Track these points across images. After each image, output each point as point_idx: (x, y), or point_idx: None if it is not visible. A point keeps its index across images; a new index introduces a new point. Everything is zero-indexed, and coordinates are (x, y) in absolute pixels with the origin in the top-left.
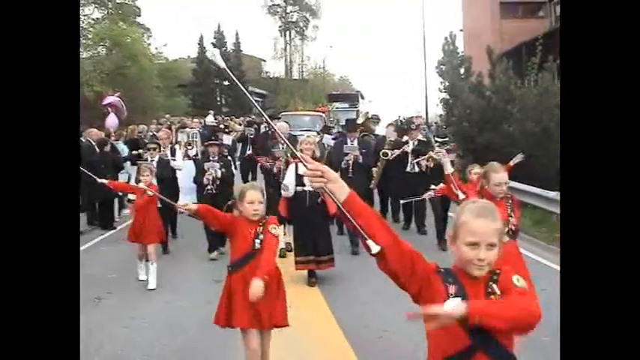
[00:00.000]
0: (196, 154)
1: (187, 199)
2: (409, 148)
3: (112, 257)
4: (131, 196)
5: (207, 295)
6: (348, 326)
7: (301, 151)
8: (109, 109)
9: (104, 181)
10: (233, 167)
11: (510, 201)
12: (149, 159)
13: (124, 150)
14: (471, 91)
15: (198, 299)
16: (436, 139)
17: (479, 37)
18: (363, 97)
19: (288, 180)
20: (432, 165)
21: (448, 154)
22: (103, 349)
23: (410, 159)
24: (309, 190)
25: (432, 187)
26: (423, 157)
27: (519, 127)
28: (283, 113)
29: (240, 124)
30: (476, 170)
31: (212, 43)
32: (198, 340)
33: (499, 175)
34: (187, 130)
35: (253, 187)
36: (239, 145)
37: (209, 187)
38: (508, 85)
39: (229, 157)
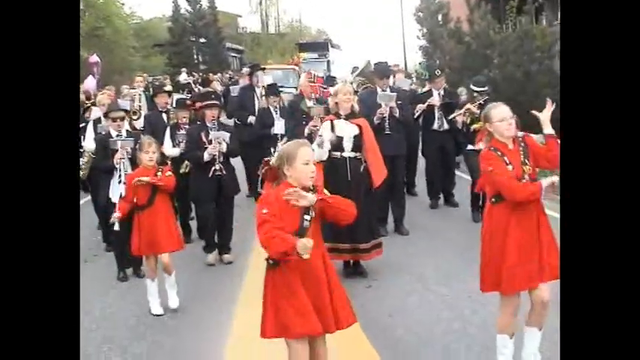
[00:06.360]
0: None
1: None
2: (435, 100)
3: (95, 219)
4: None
5: (196, 250)
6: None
7: (336, 104)
8: (94, 69)
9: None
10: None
11: (523, 143)
12: (114, 134)
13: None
14: (450, 37)
15: (187, 255)
16: (472, 87)
17: None
18: (333, 46)
19: (326, 136)
20: (468, 121)
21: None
22: (92, 310)
23: (437, 114)
24: (349, 157)
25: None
26: (459, 112)
27: (501, 72)
28: None
29: (218, 82)
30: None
31: (186, 0)
32: (189, 296)
33: (498, 109)
34: (129, 91)
35: (302, 142)
36: None
37: (216, 167)
38: (487, 30)
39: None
